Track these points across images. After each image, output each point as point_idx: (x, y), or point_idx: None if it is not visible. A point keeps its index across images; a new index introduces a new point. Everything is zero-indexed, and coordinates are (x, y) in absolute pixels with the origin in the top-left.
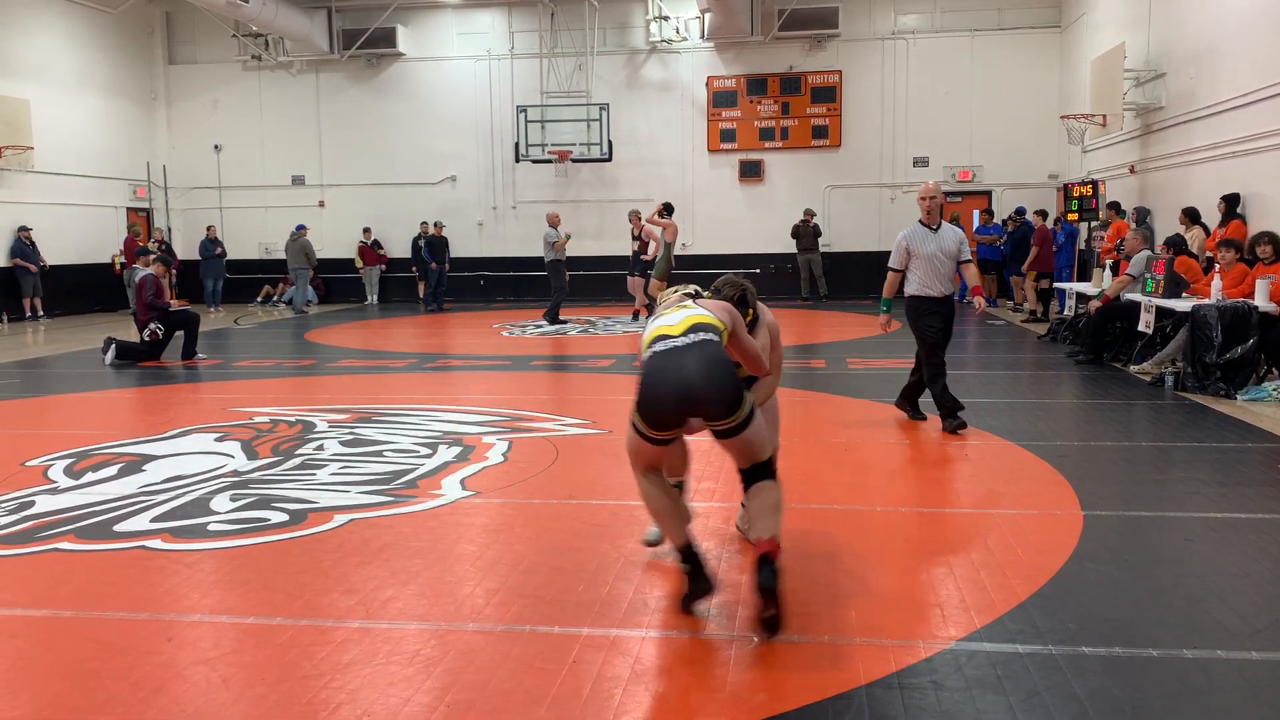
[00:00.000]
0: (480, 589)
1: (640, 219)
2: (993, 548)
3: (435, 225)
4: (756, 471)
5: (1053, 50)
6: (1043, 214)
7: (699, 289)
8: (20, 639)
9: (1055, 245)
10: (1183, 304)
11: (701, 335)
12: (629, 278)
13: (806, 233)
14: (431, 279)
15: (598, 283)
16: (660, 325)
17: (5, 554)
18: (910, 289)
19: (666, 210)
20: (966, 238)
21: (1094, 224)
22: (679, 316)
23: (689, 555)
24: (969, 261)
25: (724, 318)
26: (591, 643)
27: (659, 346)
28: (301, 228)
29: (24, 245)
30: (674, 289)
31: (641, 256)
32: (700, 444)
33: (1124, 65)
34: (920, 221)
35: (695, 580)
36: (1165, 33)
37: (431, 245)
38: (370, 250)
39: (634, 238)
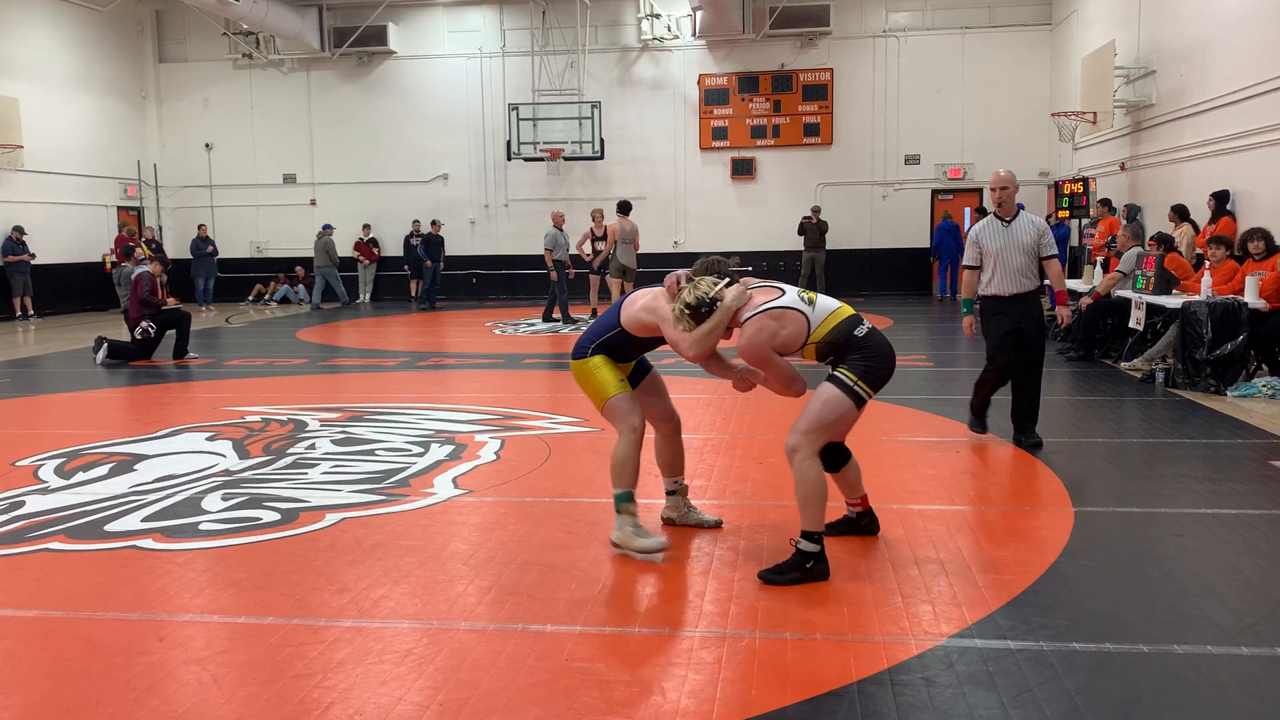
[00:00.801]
0: (473, 587)
1: (604, 218)
2: (984, 544)
3: (433, 224)
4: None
5: (1043, 48)
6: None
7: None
8: (11, 639)
9: None
10: (1173, 300)
11: None
12: (591, 275)
13: (812, 229)
14: (426, 277)
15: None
16: (844, 307)
17: None
18: (983, 288)
19: (619, 209)
20: (1048, 228)
21: (1085, 221)
22: (837, 302)
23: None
24: (1052, 258)
25: None
26: (584, 641)
27: (866, 326)
28: (328, 227)
29: (15, 245)
30: (737, 281)
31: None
32: (692, 442)
33: (1114, 63)
34: (994, 214)
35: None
36: (1155, 30)
37: (428, 243)
38: (366, 247)
39: (597, 237)
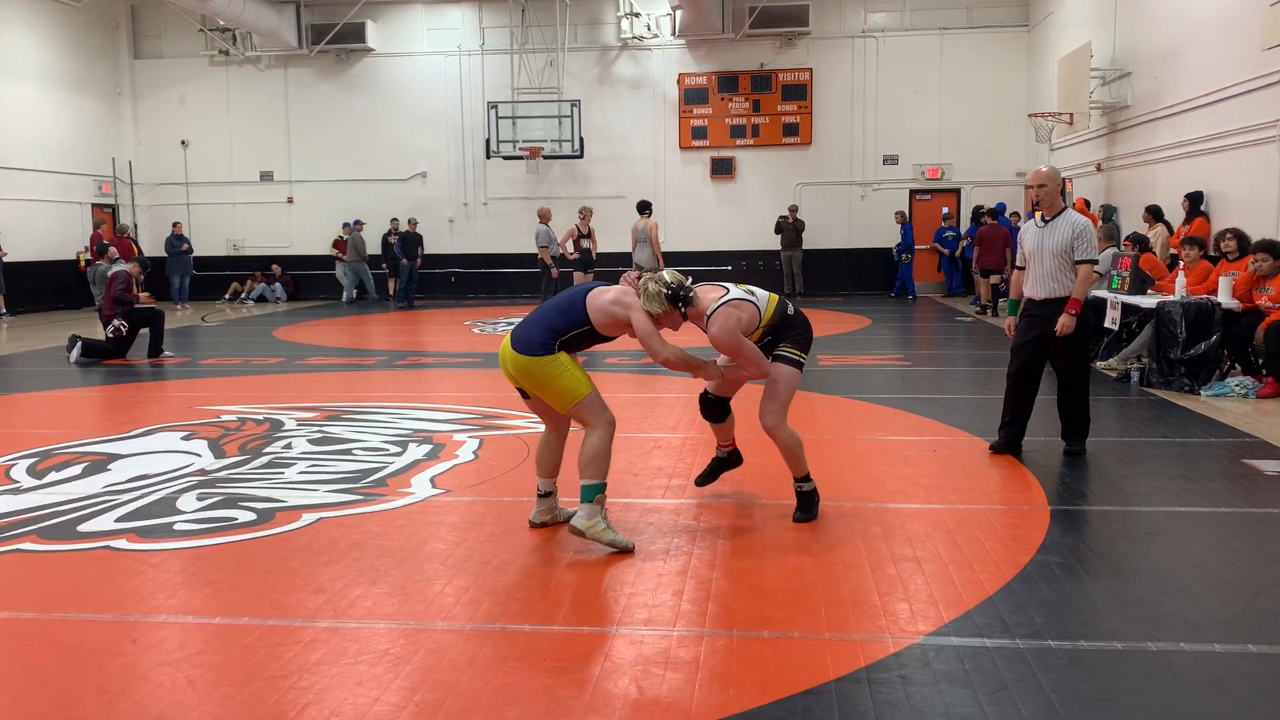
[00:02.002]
0: (450, 587)
1: (591, 216)
2: (960, 543)
3: (410, 222)
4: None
5: (1020, 49)
6: (992, 213)
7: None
8: None
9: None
10: (1148, 300)
11: None
12: (575, 274)
13: (789, 229)
14: (403, 275)
15: (570, 280)
16: (773, 294)
17: None
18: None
19: (639, 209)
20: (1092, 232)
21: (1025, 222)
22: (764, 290)
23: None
24: (1085, 263)
25: None
26: (562, 641)
27: (790, 305)
28: (359, 223)
29: None
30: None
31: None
32: (672, 441)
33: (1091, 64)
34: (1040, 214)
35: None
36: (1130, 32)
37: (405, 241)
38: (345, 245)
39: (582, 234)
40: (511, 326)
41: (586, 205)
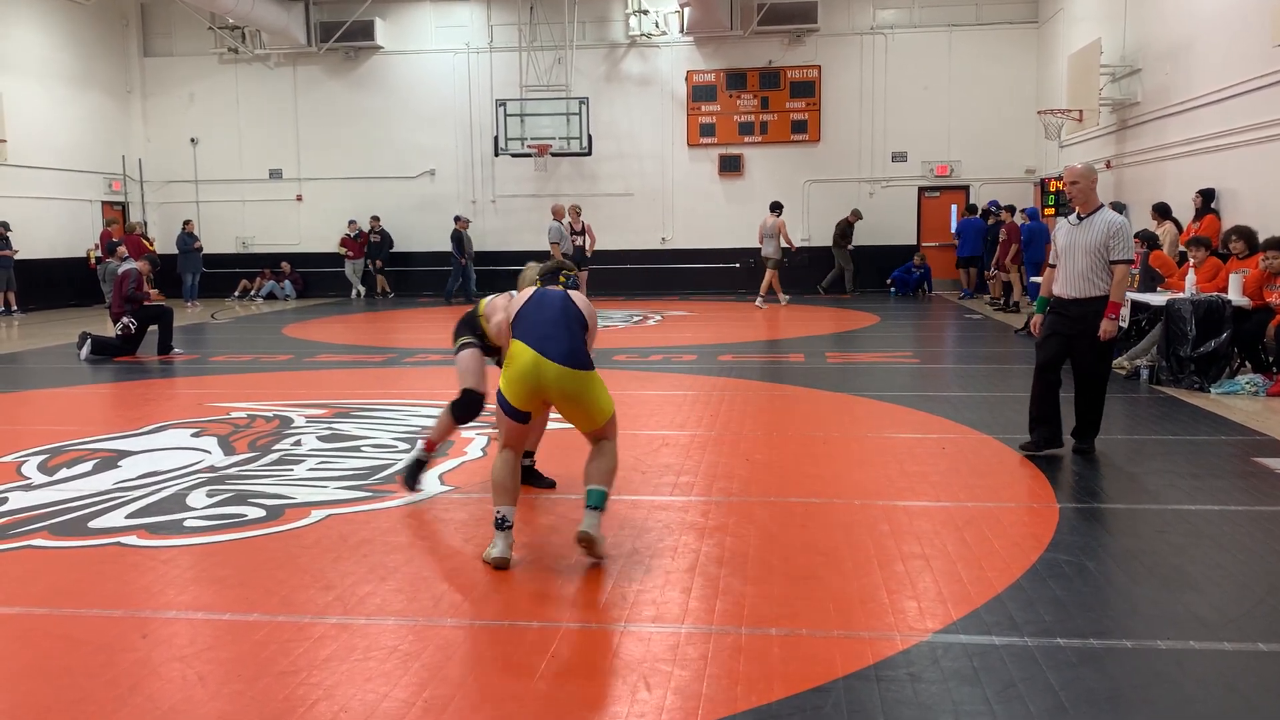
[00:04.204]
0: (458, 584)
1: (580, 214)
2: (969, 541)
3: (460, 220)
4: None
5: (1030, 45)
6: (1011, 209)
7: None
8: None
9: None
10: (1157, 298)
11: None
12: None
13: (849, 232)
14: (455, 273)
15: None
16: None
17: None
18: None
19: (770, 208)
20: (1129, 231)
21: (1059, 219)
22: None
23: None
24: (1122, 262)
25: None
26: (570, 637)
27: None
28: (460, 219)
29: (2, 240)
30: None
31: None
32: (680, 438)
33: (1100, 60)
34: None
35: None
36: (1141, 28)
37: (457, 240)
38: (354, 242)
39: (575, 231)
40: (543, 344)
41: (575, 204)
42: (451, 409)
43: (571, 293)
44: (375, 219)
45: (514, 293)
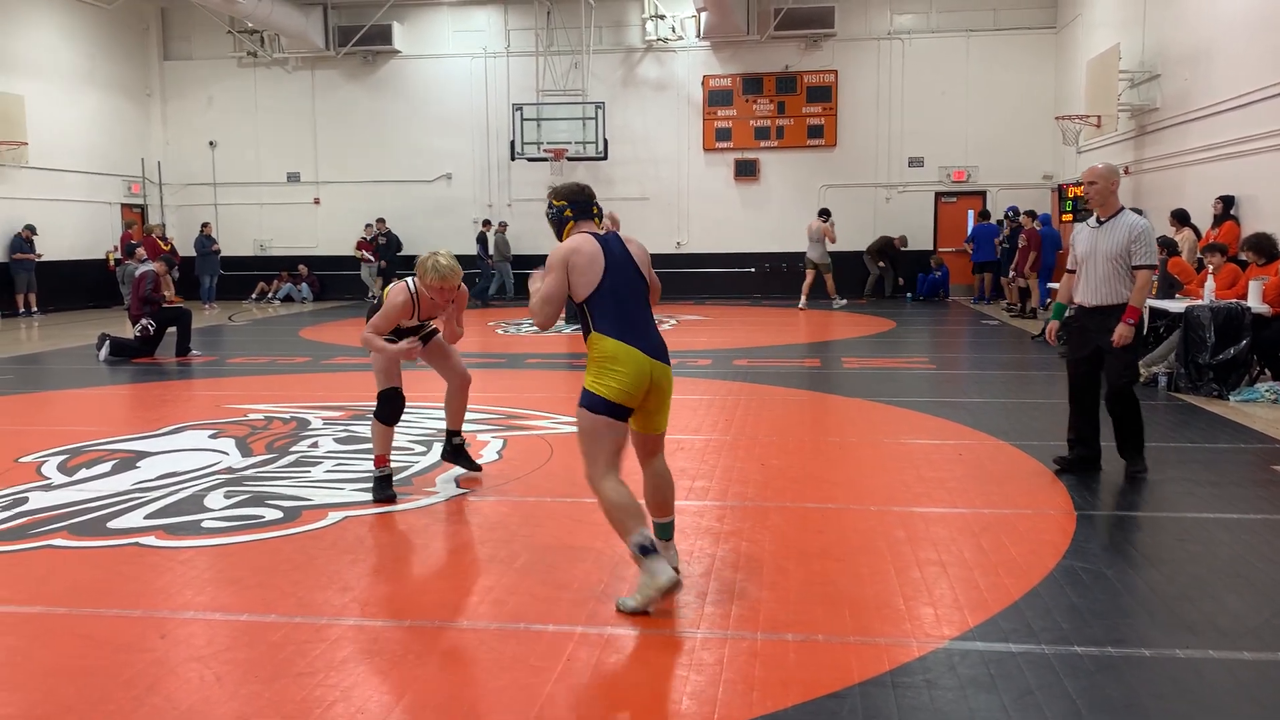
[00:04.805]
0: (474, 587)
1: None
2: (986, 547)
3: (498, 224)
4: None
5: (1048, 51)
6: (1031, 214)
7: None
8: (13, 636)
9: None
10: (1176, 305)
11: None
12: None
13: (888, 250)
14: (485, 276)
15: None
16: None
17: None
18: (1075, 295)
19: (819, 214)
20: (1151, 234)
21: (1078, 223)
22: None
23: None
24: (1144, 268)
25: None
26: (585, 641)
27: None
28: (502, 223)
29: (23, 243)
30: None
31: None
32: (694, 443)
33: (1119, 66)
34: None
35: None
36: (1160, 34)
37: (484, 243)
38: (370, 246)
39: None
40: (645, 341)
41: (612, 210)
42: (377, 416)
43: (626, 240)
44: (380, 221)
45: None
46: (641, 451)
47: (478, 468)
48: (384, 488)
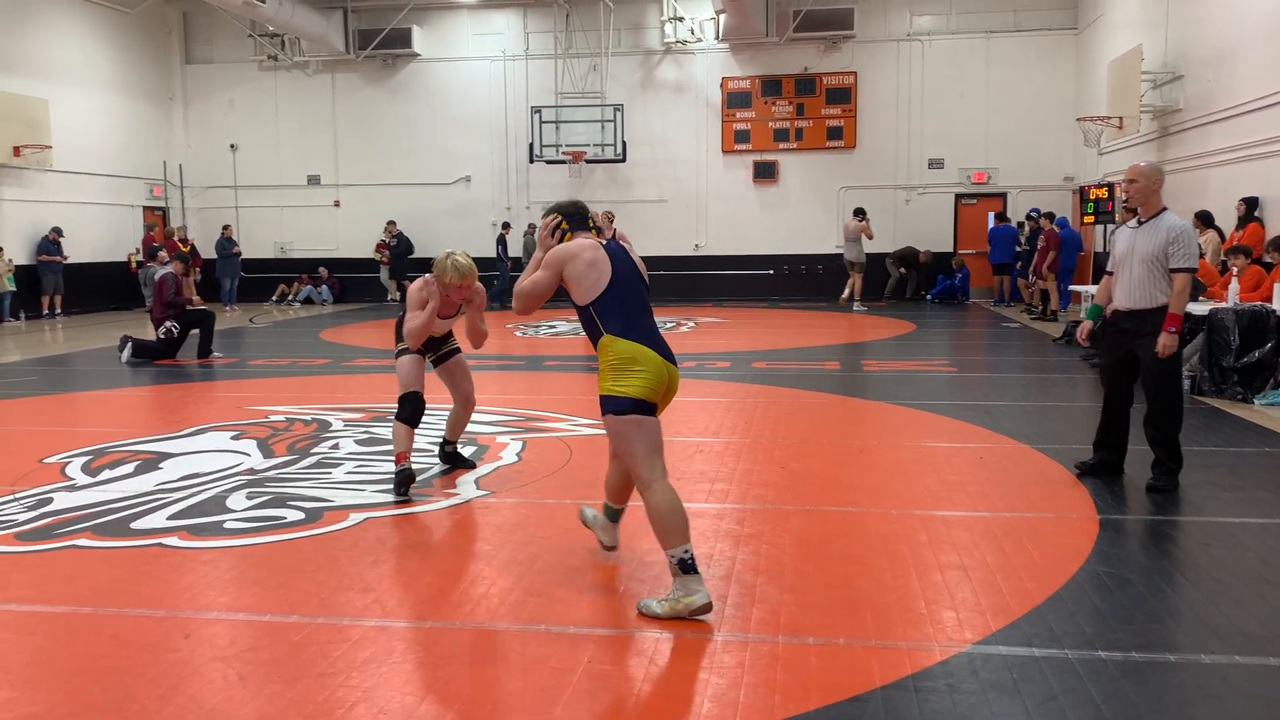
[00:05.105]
0: (495, 588)
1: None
2: (1008, 551)
3: (530, 227)
4: None
5: (1069, 52)
6: (1049, 216)
7: None
8: (39, 635)
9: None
10: (1200, 308)
11: None
12: None
13: (909, 260)
14: (502, 278)
15: None
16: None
17: (24, 550)
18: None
19: (854, 213)
20: (1192, 236)
21: (1111, 227)
22: None
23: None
24: (1182, 271)
25: None
26: (606, 643)
27: None
28: (531, 226)
29: (51, 245)
30: None
31: None
32: (714, 445)
33: (1141, 67)
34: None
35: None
36: (1183, 35)
37: (502, 244)
38: (387, 246)
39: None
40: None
41: (608, 210)
42: (398, 417)
43: (628, 249)
44: (391, 223)
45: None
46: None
47: (472, 464)
48: (402, 484)
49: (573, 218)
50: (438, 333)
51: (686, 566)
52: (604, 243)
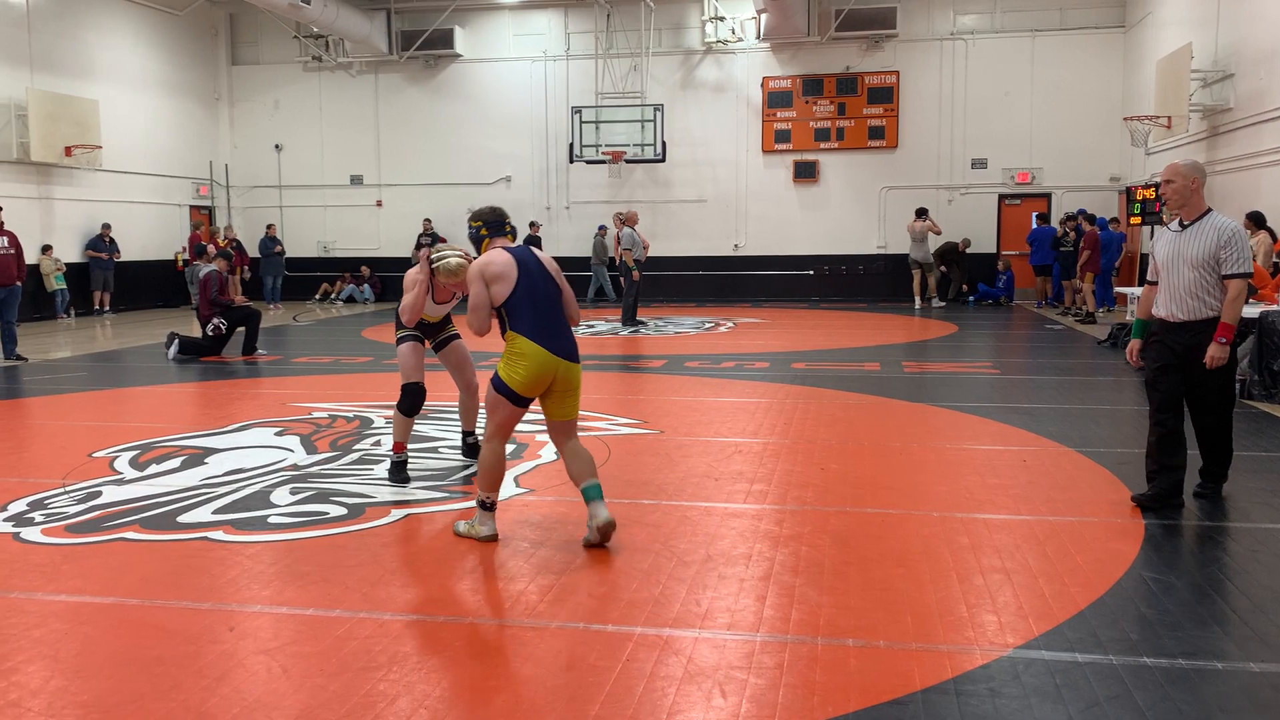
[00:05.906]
0: (534, 585)
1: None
2: (1051, 555)
3: (531, 224)
4: None
5: (1116, 51)
6: (1091, 218)
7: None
8: (88, 625)
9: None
10: (1251, 310)
11: None
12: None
13: (952, 255)
14: None
15: (649, 283)
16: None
17: (74, 542)
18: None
19: (916, 213)
20: (1243, 238)
21: (1157, 228)
22: None
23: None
24: (1236, 277)
25: None
26: (644, 641)
27: None
28: (602, 228)
29: (101, 241)
30: None
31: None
32: (753, 445)
33: (1190, 66)
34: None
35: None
36: (1234, 32)
37: (529, 244)
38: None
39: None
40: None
41: (633, 210)
42: (399, 407)
43: (538, 254)
44: (426, 221)
45: (437, 256)
46: (558, 435)
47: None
48: (400, 472)
49: (490, 224)
50: (433, 317)
51: (485, 506)
52: (513, 247)
